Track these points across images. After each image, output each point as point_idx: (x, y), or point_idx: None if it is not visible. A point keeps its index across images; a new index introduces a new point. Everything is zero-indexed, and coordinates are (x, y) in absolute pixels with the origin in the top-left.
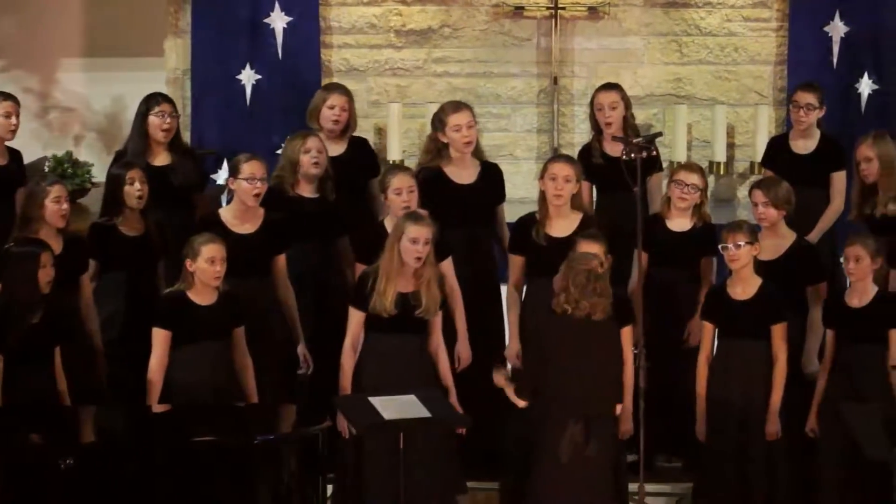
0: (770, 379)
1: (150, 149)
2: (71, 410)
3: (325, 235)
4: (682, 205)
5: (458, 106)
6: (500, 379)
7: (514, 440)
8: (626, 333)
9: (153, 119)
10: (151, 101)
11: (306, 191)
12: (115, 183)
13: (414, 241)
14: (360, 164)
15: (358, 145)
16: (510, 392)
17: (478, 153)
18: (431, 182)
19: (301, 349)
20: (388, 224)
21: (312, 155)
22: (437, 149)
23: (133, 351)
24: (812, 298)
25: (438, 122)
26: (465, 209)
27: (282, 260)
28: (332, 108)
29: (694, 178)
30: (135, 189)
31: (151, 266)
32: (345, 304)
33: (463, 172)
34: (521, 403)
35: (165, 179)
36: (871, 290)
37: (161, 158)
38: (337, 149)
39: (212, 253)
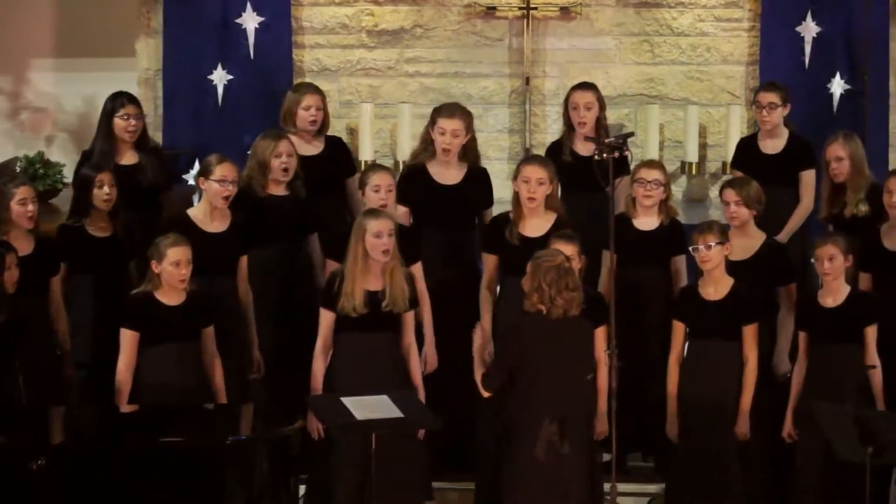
0: (740, 380)
1: (117, 148)
2: (38, 412)
3: (297, 234)
4: (647, 202)
5: (451, 111)
6: (477, 352)
7: (488, 439)
8: (600, 333)
9: (118, 121)
10: (116, 101)
11: (276, 190)
12: (83, 185)
13: (377, 235)
14: (337, 162)
15: (335, 144)
16: (478, 374)
17: (470, 158)
18: (414, 178)
19: (256, 353)
20: None
21: (283, 160)
22: (427, 142)
23: (104, 353)
24: (782, 299)
25: (431, 119)
26: (444, 210)
27: (244, 261)
28: (307, 108)
29: (655, 174)
30: (103, 192)
31: (121, 267)
32: (311, 303)
33: (447, 173)
34: (484, 393)
35: (133, 179)
36: (844, 289)
37: (128, 158)
38: (313, 148)
39: (177, 256)
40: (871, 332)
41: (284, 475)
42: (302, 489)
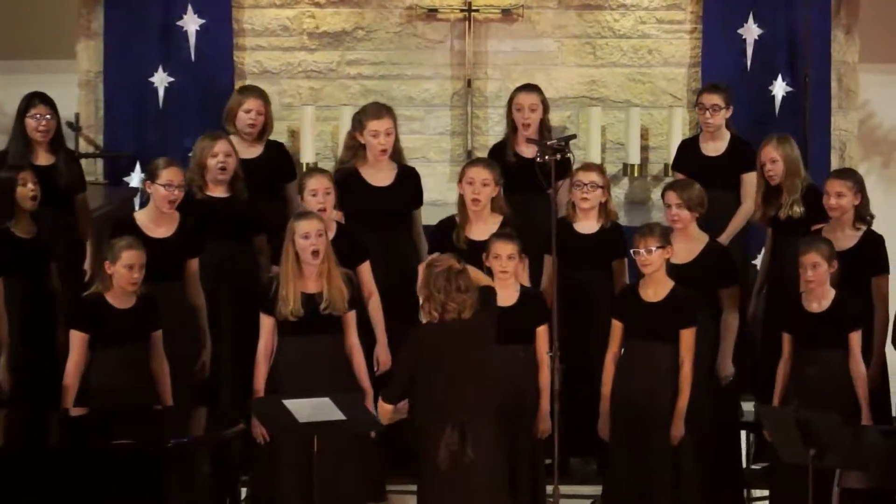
0: (675, 382)
1: (32, 149)
2: None
3: (238, 235)
4: (586, 205)
5: (379, 111)
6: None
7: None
8: (542, 333)
9: (29, 121)
10: (29, 101)
11: (216, 192)
12: (5, 185)
13: (305, 236)
14: (276, 167)
15: (274, 149)
16: (380, 404)
17: (397, 157)
18: (347, 182)
19: (204, 355)
20: None
21: (220, 159)
22: (355, 148)
23: (33, 355)
24: (725, 301)
25: (358, 122)
26: (379, 212)
27: (194, 264)
28: (248, 111)
29: (593, 177)
30: (28, 189)
31: (46, 268)
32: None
33: (379, 175)
34: (388, 408)
35: (48, 180)
36: (830, 293)
37: (43, 158)
38: (253, 151)
39: (131, 260)
40: (856, 338)
41: (227, 477)
42: (244, 492)
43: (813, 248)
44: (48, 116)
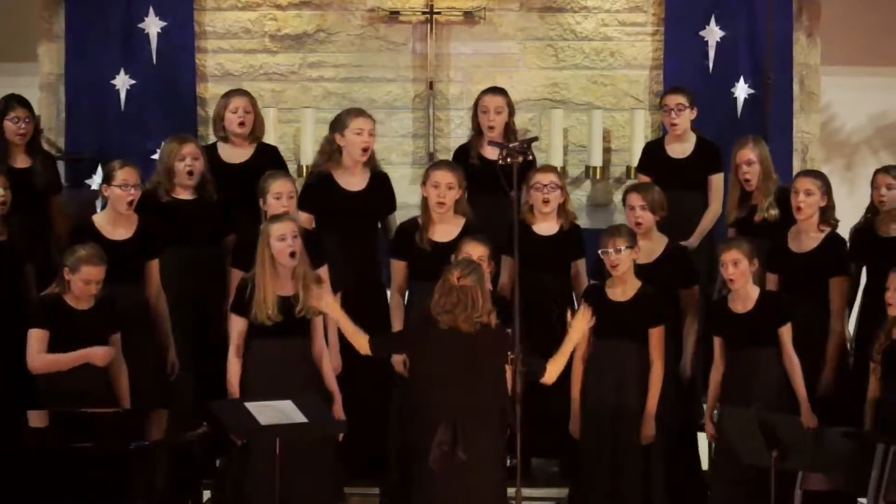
0: (644, 382)
1: (10, 151)
2: None
3: (206, 238)
4: (546, 208)
5: (360, 111)
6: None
7: (396, 446)
8: None
9: (8, 124)
10: (6, 104)
11: (183, 194)
12: None
13: (281, 238)
14: (265, 170)
15: (266, 152)
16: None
17: (371, 162)
18: (319, 186)
19: (171, 355)
20: None
21: (187, 163)
22: (330, 151)
23: (7, 358)
24: (686, 302)
25: (339, 123)
26: (351, 216)
27: (155, 265)
28: (234, 111)
29: (550, 178)
30: None
31: (18, 270)
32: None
33: (352, 179)
34: (365, 348)
35: (26, 182)
36: (754, 292)
37: (21, 161)
38: (242, 154)
39: (90, 276)
40: (786, 332)
41: (189, 480)
42: (206, 494)
43: (734, 245)
44: (27, 120)
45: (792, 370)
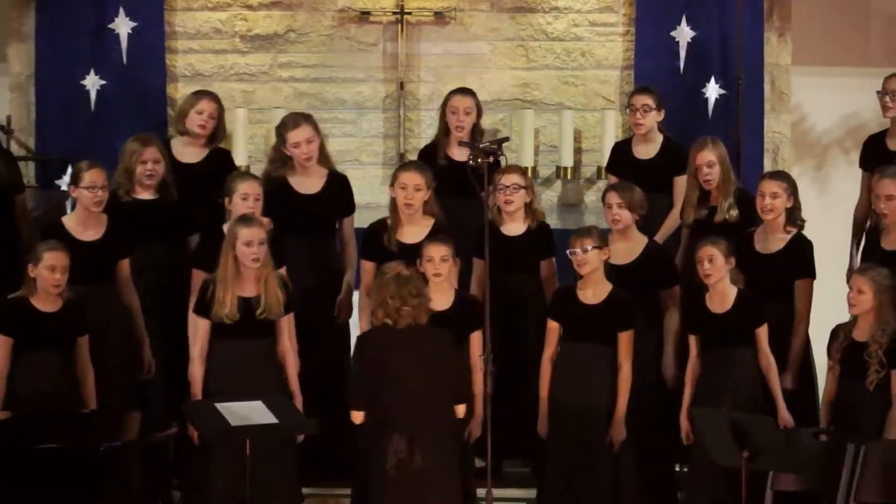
0: (612, 384)
1: None
2: None
3: (166, 238)
4: (511, 207)
5: (296, 121)
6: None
7: (364, 445)
8: (476, 338)
9: None
10: None
11: (143, 195)
12: None
13: (248, 244)
14: (217, 174)
15: (219, 156)
16: (351, 413)
17: (325, 162)
18: (275, 191)
19: (147, 354)
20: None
21: (148, 167)
22: (281, 158)
23: None
24: (666, 302)
25: (279, 135)
26: (307, 218)
27: (125, 265)
28: (200, 112)
29: (515, 178)
30: None
31: None
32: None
33: (307, 182)
34: (358, 417)
35: None
36: (731, 292)
37: None
38: (197, 154)
39: (53, 261)
40: (763, 333)
41: (159, 481)
42: (177, 495)
43: (709, 242)
44: None
45: (768, 371)
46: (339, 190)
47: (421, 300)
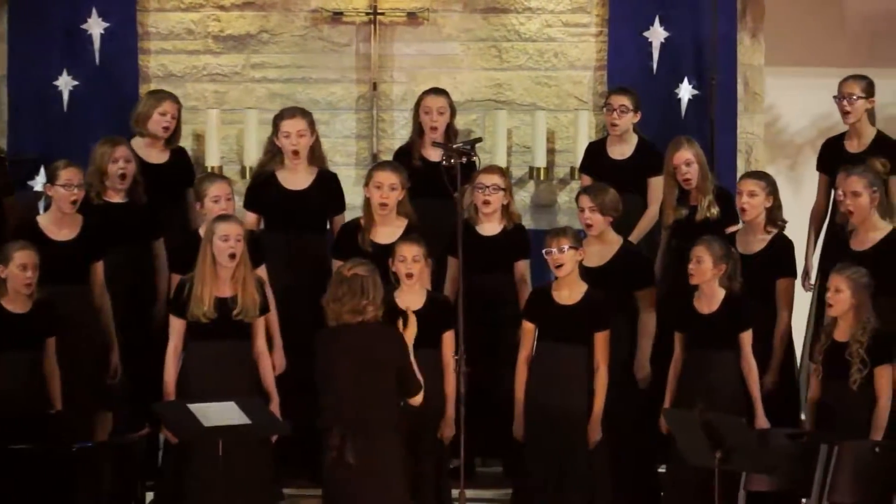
0: (588, 385)
1: None
2: None
3: (137, 240)
4: (489, 208)
5: (293, 112)
6: None
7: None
8: (448, 338)
9: None
10: None
11: (115, 197)
12: None
13: (224, 238)
14: (183, 172)
15: (180, 153)
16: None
17: (318, 161)
18: (263, 186)
19: (114, 358)
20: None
21: (120, 166)
22: (272, 151)
23: None
24: (642, 303)
25: (273, 125)
26: (292, 215)
27: (99, 266)
28: (163, 114)
29: (494, 179)
30: None
31: None
32: (157, 307)
33: (295, 178)
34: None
35: None
36: (719, 294)
37: None
38: (161, 156)
39: (23, 259)
40: (747, 337)
41: (131, 481)
42: (149, 496)
43: (704, 243)
44: None
45: (749, 374)
46: (328, 187)
47: (359, 300)
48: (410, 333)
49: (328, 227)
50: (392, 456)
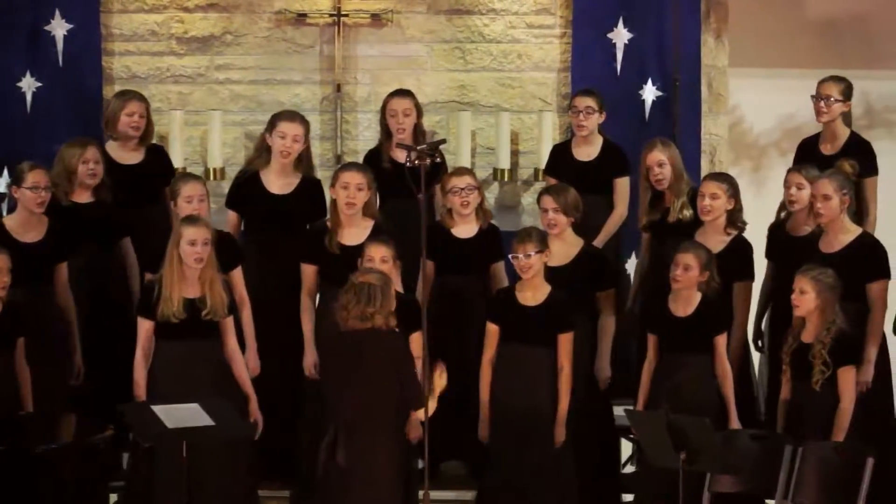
0: (553, 386)
1: None
2: None
3: (103, 240)
4: (465, 210)
5: (293, 116)
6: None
7: (304, 449)
8: (416, 339)
9: None
10: None
11: (82, 197)
12: None
13: (192, 243)
14: (159, 171)
15: (156, 152)
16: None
17: (305, 168)
18: (246, 185)
19: (77, 359)
20: None
21: (90, 166)
22: (261, 149)
23: None
24: (602, 304)
25: (270, 123)
26: (273, 218)
27: (63, 267)
28: (131, 115)
29: (467, 180)
30: None
31: None
32: (126, 308)
33: (279, 181)
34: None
35: None
36: (695, 298)
37: None
38: (135, 156)
39: None
40: (722, 341)
41: (96, 483)
42: (113, 497)
43: (692, 250)
44: None
45: (723, 378)
46: (310, 193)
47: (365, 307)
48: (438, 385)
49: None
50: (385, 459)
